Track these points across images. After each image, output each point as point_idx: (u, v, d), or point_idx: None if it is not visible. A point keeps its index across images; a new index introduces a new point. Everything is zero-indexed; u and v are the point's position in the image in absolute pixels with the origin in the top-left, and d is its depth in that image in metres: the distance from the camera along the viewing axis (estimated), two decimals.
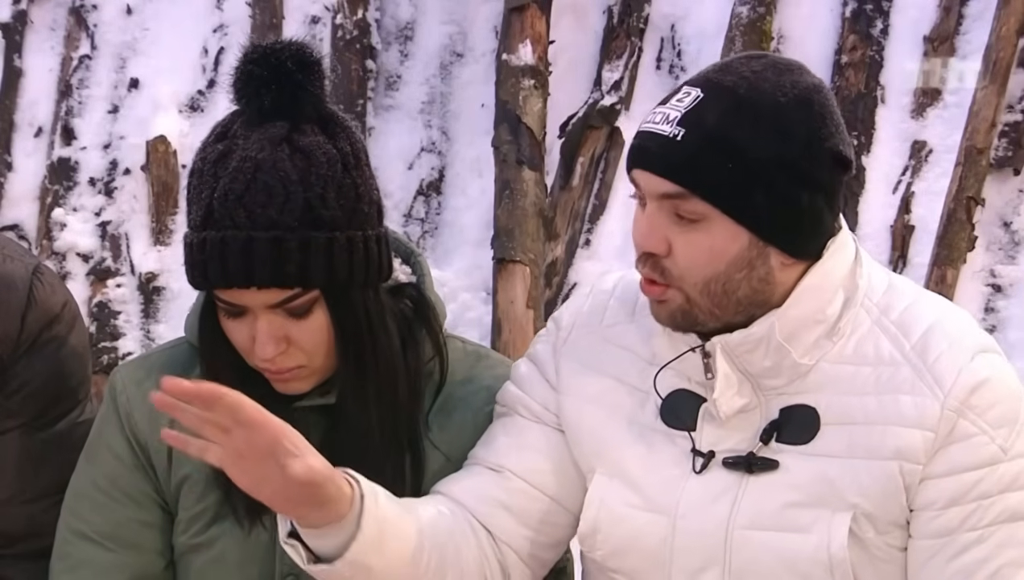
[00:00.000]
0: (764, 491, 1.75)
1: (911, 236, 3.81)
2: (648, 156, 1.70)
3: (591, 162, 4.08)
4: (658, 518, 1.79)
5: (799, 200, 1.70)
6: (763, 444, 1.76)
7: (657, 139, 1.69)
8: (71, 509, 1.99)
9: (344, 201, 1.82)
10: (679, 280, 1.71)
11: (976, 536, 1.72)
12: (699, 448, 1.78)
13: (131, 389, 1.98)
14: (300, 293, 1.81)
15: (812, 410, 1.75)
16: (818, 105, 1.71)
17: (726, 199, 1.67)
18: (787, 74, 1.72)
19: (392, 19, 4.36)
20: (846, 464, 1.73)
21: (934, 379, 1.72)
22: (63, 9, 4.43)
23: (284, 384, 1.89)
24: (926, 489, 1.72)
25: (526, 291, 3.82)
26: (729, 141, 1.67)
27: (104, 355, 4.00)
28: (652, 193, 1.70)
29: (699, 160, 1.67)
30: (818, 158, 1.71)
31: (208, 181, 1.80)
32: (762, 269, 1.72)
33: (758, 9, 4.03)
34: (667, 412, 1.81)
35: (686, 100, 1.70)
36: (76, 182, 4.25)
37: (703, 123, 1.68)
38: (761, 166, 1.67)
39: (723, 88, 1.69)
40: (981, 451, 1.71)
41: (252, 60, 1.83)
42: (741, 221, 1.69)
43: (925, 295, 1.82)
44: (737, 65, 1.73)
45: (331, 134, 1.84)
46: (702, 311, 1.73)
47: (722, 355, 1.75)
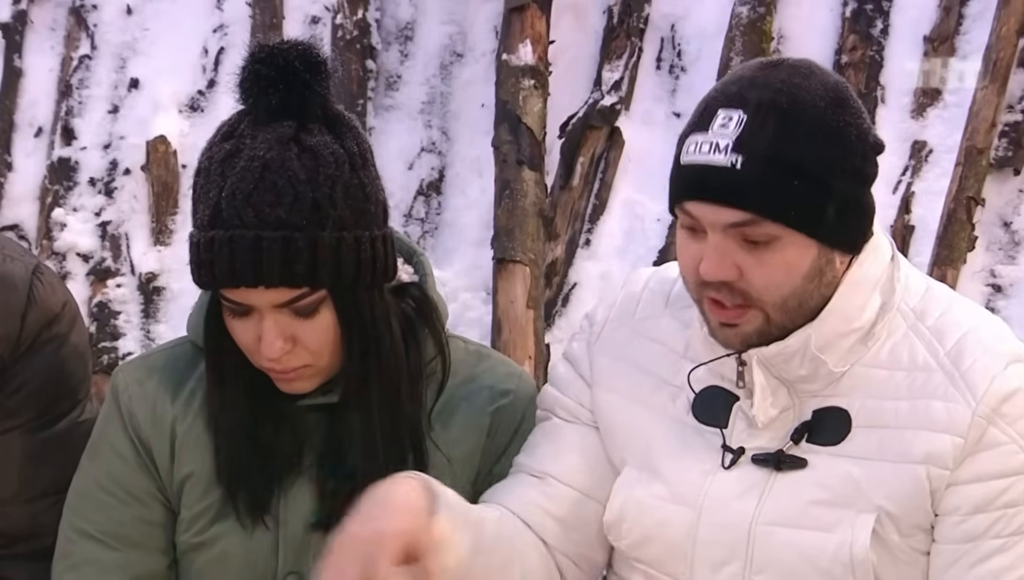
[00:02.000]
0: (791, 488, 1.76)
1: (911, 236, 3.81)
2: (710, 189, 1.69)
3: (591, 162, 4.07)
4: (683, 510, 1.81)
5: (854, 196, 1.71)
6: (793, 443, 1.77)
7: (715, 171, 1.68)
8: (74, 508, 1.99)
9: (352, 201, 1.82)
10: (759, 301, 1.71)
11: (1000, 544, 1.73)
12: (730, 445, 1.79)
13: (133, 388, 1.98)
14: (307, 293, 1.81)
15: (844, 412, 1.76)
16: (851, 100, 1.73)
17: (798, 217, 1.68)
18: (812, 76, 1.72)
19: (392, 19, 4.36)
20: (874, 466, 1.74)
21: (967, 386, 1.72)
22: (63, 9, 4.42)
23: (288, 383, 1.90)
24: (952, 494, 1.73)
25: (526, 291, 3.82)
26: (790, 160, 1.67)
27: (104, 355, 4.00)
28: (716, 223, 1.69)
29: (765, 184, 1.67)
30: (866, 152, 1.72)
31: (216, 180, 1.81)
32: (829, 274, 1.73)
33: (758, 9, 4.03)
34: (699, 408, 1.82)
35: (731, 125, 1.69)
36: (76, 182, 4.25)
37: (760, 146, 1.67)
38: (822, 177, 1.68)
39: (764, 105, 1.69)
40: (1010, 460, 1.72)
41: (259, 60, 1.83)
42: (811, 233, 1.69)
43: (961, 301, 1.83)
44: (764, 78, 1.71)
45: (338, 134, 1.84)
46: (777, 327, 1.74)
47: (758, 366, 1.76)
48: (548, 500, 1.88)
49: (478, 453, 1.97)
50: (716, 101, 1.72)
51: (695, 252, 1.72)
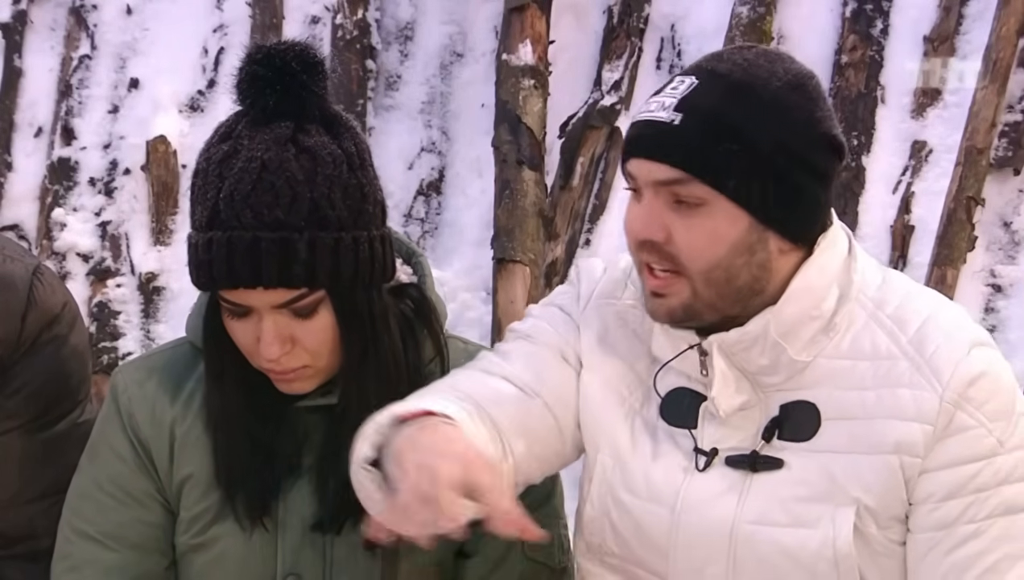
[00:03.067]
0: (769, 487, 1.76)
1: (911, 236, 3.81)
2: (646, 143, 1.70)
3: (591, 162, 4.07)
4: (661, 511, 1.80)
5: (797, 183, 1.70)
6: (765, 442, 1.77)
7: (654, 126, 1.69)
8: (73, 509, 1.99)
9: (350, 201, 1.82)
10: (685, 268, 1.71)
11: (974, 529, 1.73)
12: (701, 446, 1.79)
13: (133, 389, 1.98)
14: (306, 293, 1.81)
15: (812, 406, 1.76)
16: (812, 89, 1.73)
17: (727, 182, 1.68)
18: (779, 61, 1.73)
19: (392, 19, 4.35)
20: (848, 459, 1.74)
21: (932, 372, 1.72)
22: (63, 9, 4.42)
23: (288, 384, 1.90)
24: (925, 482, 1.73)
25: (526, 291, 3.82)
26: (728, 124, 1.67)
27: (104, 355, 4.00)
28: (650, 180, 1.70)
29: (699, 144, 1.67)
30: (815, 142, 1.71)
31: (213, 181, 1.81)
32: (762, 254, 1.72)
33: (758, 9, 4.03)
34: (668, 411, 1.82)
35: (681, 87, 1.70)
36: (76, 182, 4.25)
37: (701, 107, 1.68)
38: (761, 148, 1.68)
39: (717, 74, 1.70)
40: (979, 444, 1.72)
41: (256, 61, 1.83)
42: (742, 204, 1.69)
43: (919, 289, 1.82)
44: (729, 54, 1.74)
45: (336, 134, 1.84)
46: (704, 303, 1.73)
47: (719, 353, 1.76)
48: (531, 419, 1.83)
49: None
50: (682, 71, 1.75)
51: (635, 213, 1.73)
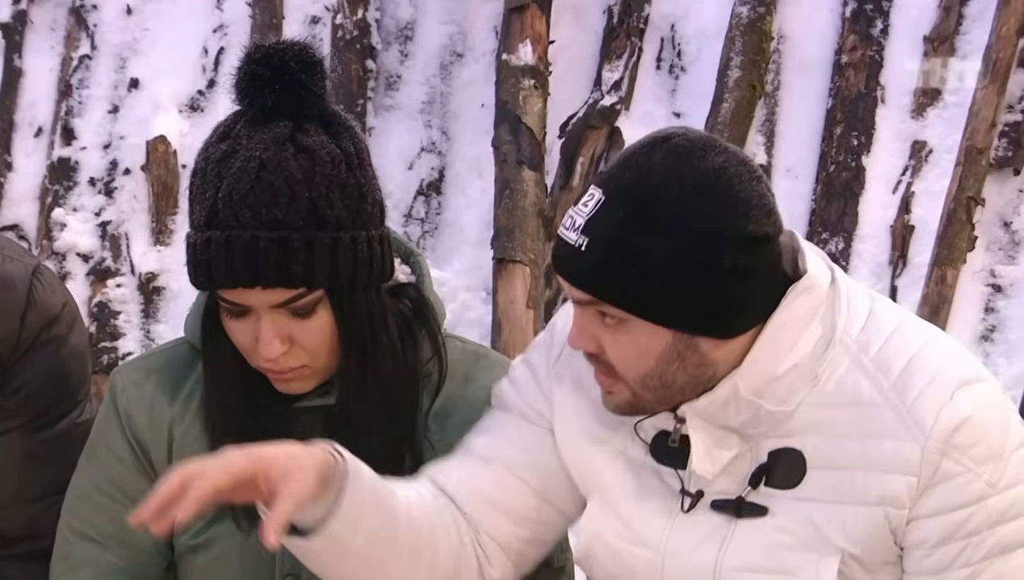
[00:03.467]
0: (753, 534, 1.74)
1: (911, 236, 3.81)
2: (561, 265, 1.70)
3: (591, 162, 4.08)
4: (648, 554, 1.79)
5: (712, 290, 1.66)
6: (752, 488, 1.75)
7: (567, 248, 1.68)
8: (72, 509, 1.99)
9: (348, 201, 1.82)
10: (621, 376, 1.71)
11: (969, 572, 1.71)
12: (688, 488, 1.78)
13: (131, 390, 1.98)
14: (304, 293, 1.81)
15: (799, 454, 1.73)
16: (722, 190, 1.66)
17: (635, 304, 1.66)
18: (688, 160, 1.66)
19: (392, 19, 4.36)
20: (832, 509, 1.71)
21: (914, 421, 1.69)
22: (63, 9, 4.43)
23: (286, 384, 1.89)
24: (915, 529, 1.71)
25: (526, 291, 3.82)
26: (628, 247, 1.64)
27: (104, 355, 4.00)
28: (573, 298, 1.71)
29: (603, 269, 1.65)
30: (723, 246, 1.65)
31: (212, 181, 1.80)
32: (693, 357, 1.69)
33: (758, 9, 4.03)
34: (657, 448, 1.80)
35: (589, 204, 1.67)
36: (76, 182, 4.25)
37: (602, 232, 1.66)
38: (662, 266, 1.64)
39: (621, 189, 1.66)
40: (968, 489, 1.69)
41: (255, 60, 1.83)
42: (657, 321, 1.67)
43: (907, 324, 1.78)
44: (639, 158, 1.68)
45: (334, 134, 1.84)
46: (648, 403, 1.73)
47: (697, 420, 1.74)
48: (495, 488, 1.85)
49: None
50: (596, 179, 1.72)
51: (570, 324, 1.74)
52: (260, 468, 1.62)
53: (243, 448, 1.63)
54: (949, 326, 3.56)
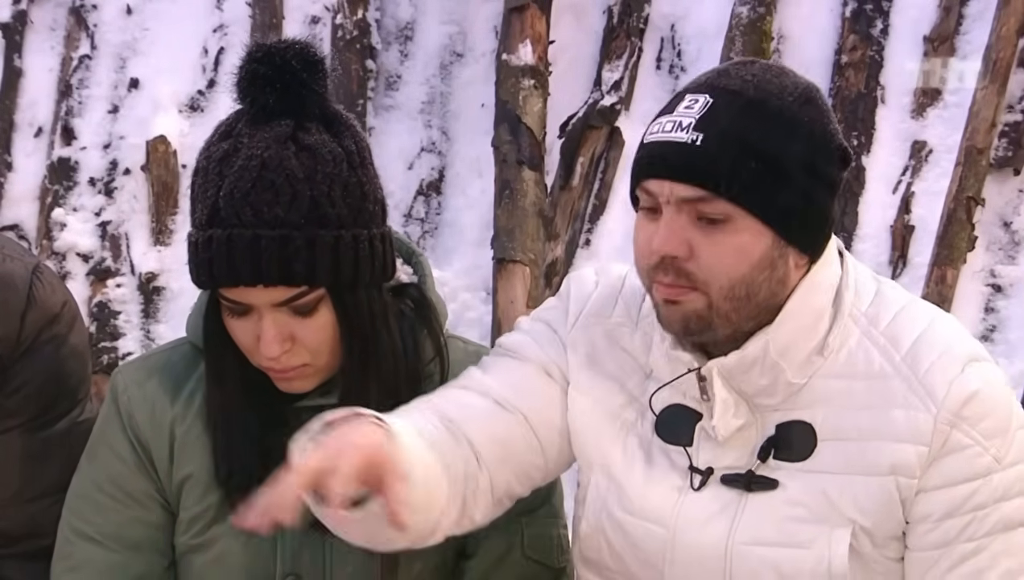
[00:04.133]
0: (764, 507, 1.75)
1: (911, 236, 3.81)
2: (668, 164, 1.69)
3: (591, 162, 4.07)
4: (657, 529, 1.80)
5: (816, 197, 1.71)
6: (761, 462, 1.76)
7: (675, 147, 1.68)
8: (73, 509, 1.99)
9: (350, 199, 1.82)
10: (704, 284, 1.70)
11: (974, 547, 1.72)
12: (697, 465, 1.79)
13: (132, 389, 1.98)
14: (306, 291, 1.81)
15: (808, 426, 1.75)
16: (821, 102, 1.73)
17: (752, 199, 1.67)
18: (784, 76, 1.73)
19: (392, 19, 4.36)
20: (843, 480, 1.73)
21: (926, 391, 1.71)
22: (63, 9, 4.42)
23: (288, 383, 1.90)
24: (921, 502, 1.72)
25: (526, 291, 3.82)
26: (749, 142, 1.67)
27: (104, 355, 4.00)
28: (674, 198, 1.69)
29: (723, 162, 1.66)
30: (830, 155, 1.72)
31: (213, 179, 1.81)
32: (782, 269, 1.72)
33: (758, 9, 4.03)
34: (663, 428, 1.81)
35: (696, 106, 1.69)
36: (76, 182, 4.25)
37: (721, 126, 1.67)
38: (783, 164, 1.68)
39: (731, 92, 1.69)
40: (975, 462, 1.71)
41: (256, 59, 1.83)
42: (766, 220, 1.68)
43: (914, 302, 1.81)
44: (735, 70, 1.73)
45: (336, 133, 1.84)
46: (719, 316, 1.72)
47: (719, 378, 1.75)
48: (510, 436, 1.84)
49: None
50: (686, 89, 1.74)
51: (651, 232, 1.71)
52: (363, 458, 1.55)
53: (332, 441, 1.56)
54: None
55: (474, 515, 1.83)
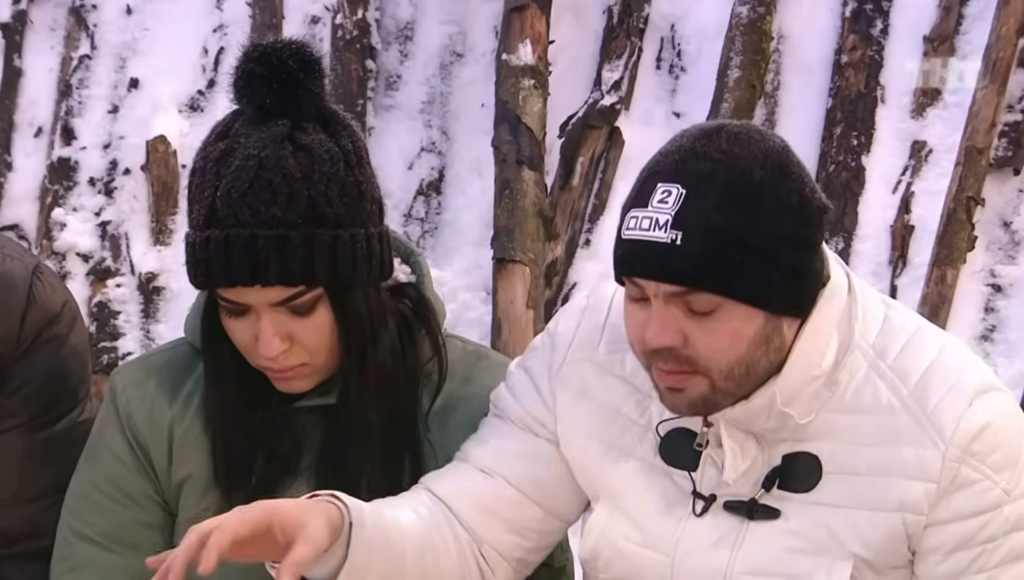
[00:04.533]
0: (765, 537, 1.74)
1: (911, 236, 3.81)
2: (649, 265, 1.67)
3: (591, 162, 4.08)
4: (657, 556, 1.79)
5: (804, 266, 1.69)
6: (765, 491, 1.75)
7: (654, 246, 1.65)
8: (72, 510, 1.99)
9: (347, 198, 1.82)
10: (706, 368, 1.69)
11: (985, 577, 1.72)
12: (700, 491, 1.78)
13: (131, 390, 1.98)
14: (304, 291, 1.81)
15: (815, 458, 1.74)
16: (794, 165, 1.69)
17: (739, 287, 1.65)
18: (751, 143, 1.68)
19: (392, 19, 4.36)
20: (848, 514, 1.72)
21: (934, 428, 1.70)
22: (63, 9, 4.43)
23: (286, 383, 1.89)
24: (931, 535, 1.71)
25: (526, 291, 3.82)
26: (730, 233, 1.64)
27: (104, 355, 4.00)
28: (659, 293, 1.68)
29: (705, 258, 1.64)
30: (810, 219, 1.69)
31: (210, 180, 1.80)
32: (777, 340, 1.70)
33: (758, 9, 4.03)
34: (667, 451, 1.80)
35: (670, 200, 1.66)
36: (76, 182, 4.25)
37: (698, 221, 1.64)
38: (766, 249, 1.65)
39: (702, 178, 1.65)
40: (985, 496, 1.70)
41: (253, 59, 1.83)
42: (756, 304, 1.67)
43: (922, 331, 1.78)
44: (702, 148, 1.68)
45: (333, 132, 1.84)
46: (723, 394, 1.71)
47: (726, 427, 1.74)
48: (497, 502, 1.86)
49: None
50: (655, 175, 1.69)
51: (641, 320, 1.70)
52: (275, 518, 1.62)
53: (253, 503, 1.64)
54: (949, 326, 3.56)
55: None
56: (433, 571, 1.80)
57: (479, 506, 1.85)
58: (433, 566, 1.81)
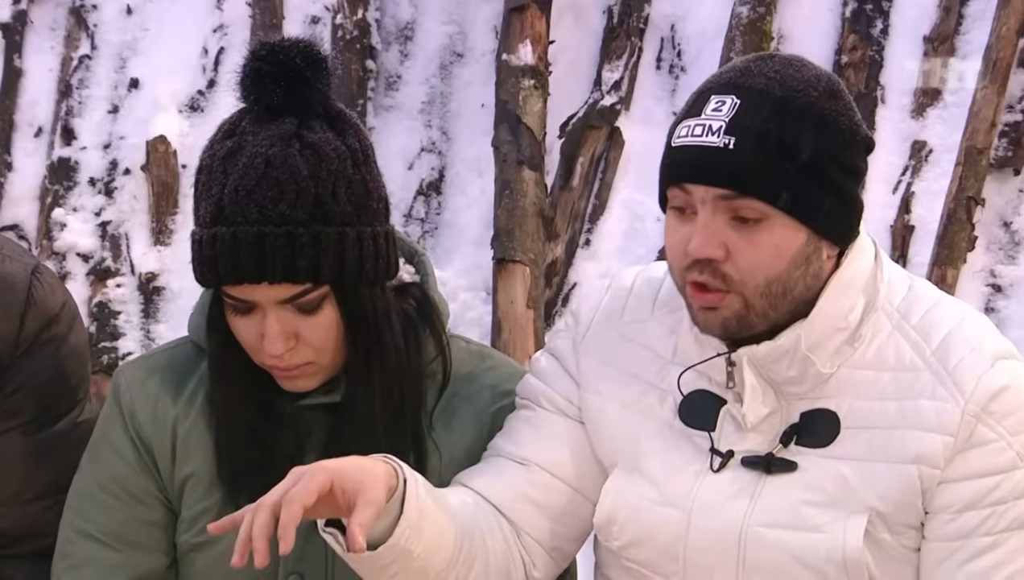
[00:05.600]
0: (781, 490, 1.76)
1: (911, 236, 3.81)
2: (702, 169, 1.70)
3: (591, 162, 4.08)
4: (673, 513, 1.80)
5: (846, 189, 1.73)
6: (783, 446, 1.77)
7: (707, 151, 1.69)
8: (74, 508, 1.99)
9: (354, 197, 1.82)
10: (740, 284, 1.71)
11: (990, 541, 1.73)
12: (718, 448, 1.79)
13: (135, 388, 1.98)
14: (310, 289, 1.81)
15: (833, 414, 1.76)
16: (844, 93, 1.75)
17: (787, 198, 1.69)
18: (804, 69, 1.74)
19: (392, 19, 4.36)
20: (865, 467, 1.74)
21: (954, 384, 1.73)
22: (63, 9, 4.43)
23: (291, 381, 1.89)
24: (943, 493, 1.73)
25: (526, 291, 3.82)
26: (781, 142, 1.68)
27: (104, 355, 4.00)
28: (707, 198, 1.70)
29: (757, 165, 1.68)
30: (858, 146, 1.74)
31: (218, 177, 1.81)
32: (816, 263, 1.74)
33: (758, 9, 4.03)
34: (686, 412, 1.82)
35: (724, 108, 1.70)
36: (76, 182, 4.25)
37: (751, 128, 1.68)
38: (815, 163, 1.69)
39: (757, 92, 1.70)
40: (999, 457, 1.72)
41: (260, 57, 1.83)
42: (800, 217, 1.70)
43: (946, 299, 1.83)
44: (757, 67, 1.74)
45: (339, 131, 1.84)
46: (757, 314, 1.73)
47: (748, 366, 1.76)
48: (530, 487, 1.87)
49: (480, 452, 1.96)
50: (709, 89, 1.74)
51: (684, 234, 1.72)
52: (336, 480, 1.63)
53: (317, 464, 1.65)
54: None
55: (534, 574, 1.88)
56: (481, 550, 1.81)
57: (516, 494, 1.86)
58: (481, 545, 1.81)
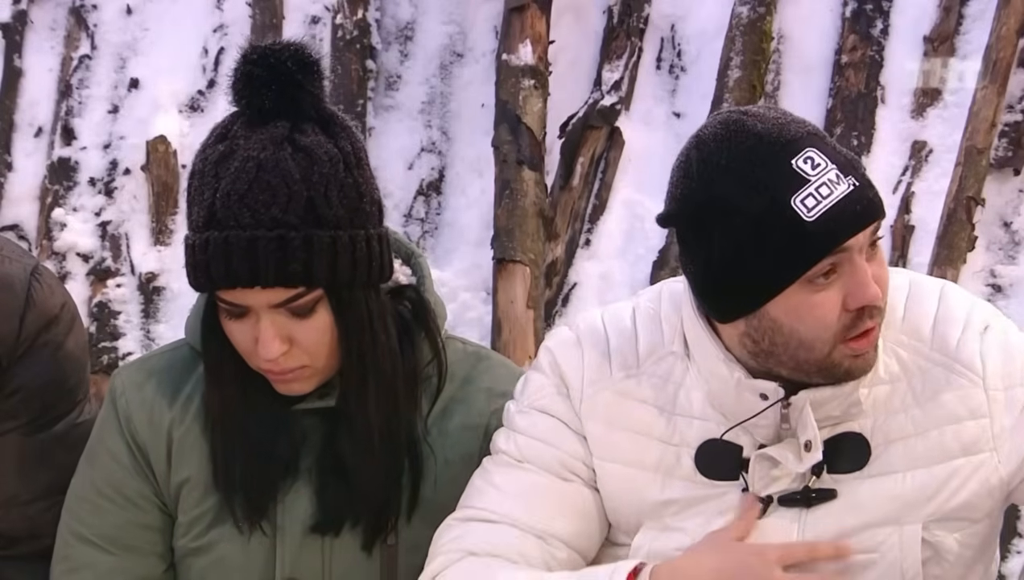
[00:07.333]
0: (826, 519, 1.75)
1: (911, 236, 3.80)
2: (857, 214, 1.68)
3: (591, 162, 4.07)
4: None
5: None
6: (815, 478, 1.76)
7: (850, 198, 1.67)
8: (72, 512, 1.99)
9: (346, 200, 1.82)
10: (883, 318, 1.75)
11: None
12: (757, 493, 1.77)
13: (131, 392, 1.98)
14: (303, 292, 1.81)
15: (859, 436, 1.76)
16: None
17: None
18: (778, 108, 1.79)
19: (392, 19, 4.36)
20: (907, 476, 1.74)
21: (964, 367, 1.75)
22: (63, 9, 4.43)
23: (286, 385, 1.89)
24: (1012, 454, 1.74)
25: (526, 291, 3.82)
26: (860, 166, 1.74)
27: (104, 355, 4.00)
28: (865, 243, 1.70)
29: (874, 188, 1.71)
30: None
31: (210, 181, 1.81)
32: None
33: (758, 9, 4.03)
34: (703, 465, 1.80)
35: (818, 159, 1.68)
36: (76, 182, 4.25)
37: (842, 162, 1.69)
38: None
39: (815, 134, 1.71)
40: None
41: (251, 61, 1.83)
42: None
43: (916, 284, 1.83)
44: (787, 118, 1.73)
45: (332, 134, 1.84)
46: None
47: (809, 408, 1.74)
48: (551, 560, 1.83)
49: (477, 455, 1.96)
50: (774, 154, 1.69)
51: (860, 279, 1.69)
52: None
53: None
54: None
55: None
56: None
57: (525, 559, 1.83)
58: None
